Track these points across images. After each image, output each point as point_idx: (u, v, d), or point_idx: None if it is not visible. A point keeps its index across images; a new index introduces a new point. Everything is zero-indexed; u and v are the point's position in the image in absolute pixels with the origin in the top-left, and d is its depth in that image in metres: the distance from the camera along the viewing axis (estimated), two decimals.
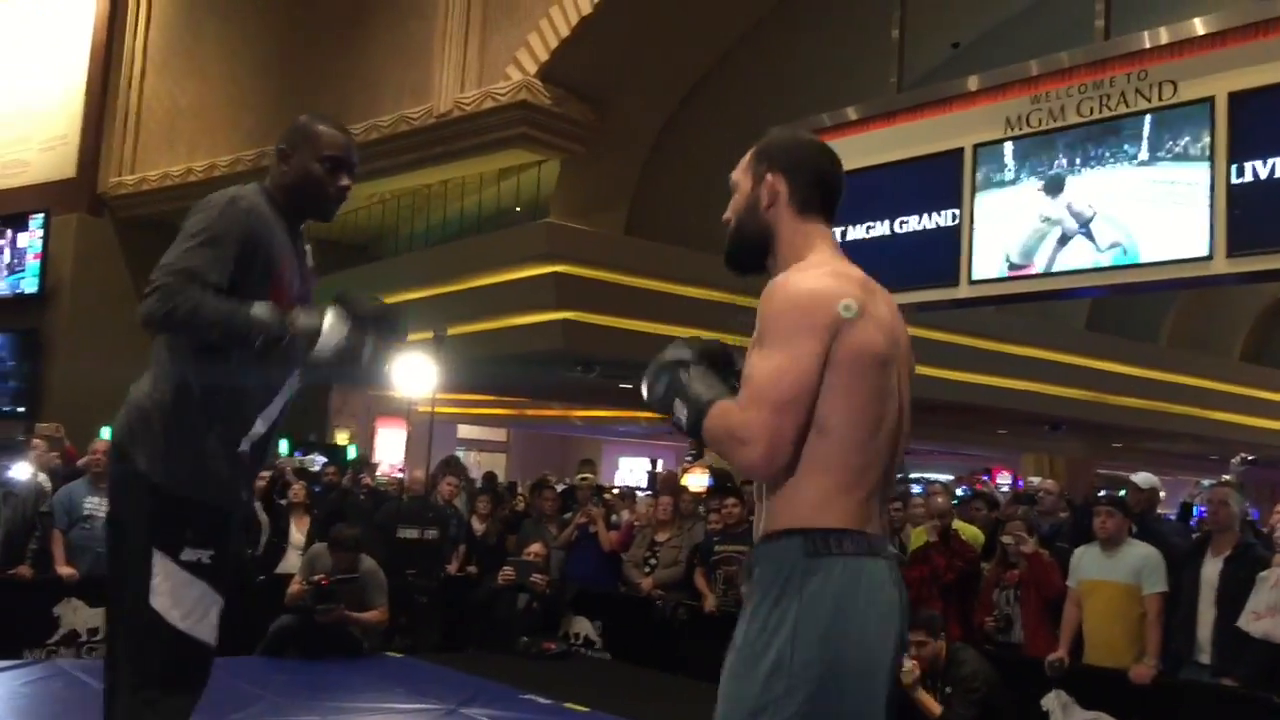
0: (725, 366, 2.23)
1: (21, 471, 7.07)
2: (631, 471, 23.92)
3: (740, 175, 2.23)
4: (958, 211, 5.76)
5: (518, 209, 12.16)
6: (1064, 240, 5.38)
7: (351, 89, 11.65)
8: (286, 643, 6.24)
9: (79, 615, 6.64)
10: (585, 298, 10.56)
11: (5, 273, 13.87)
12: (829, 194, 2.20)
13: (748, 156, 2.24)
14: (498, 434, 24.01)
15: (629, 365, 11.77)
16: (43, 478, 7.37)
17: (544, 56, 10.03)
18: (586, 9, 9.64)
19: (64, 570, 6.58)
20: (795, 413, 1.97)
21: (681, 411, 2.11)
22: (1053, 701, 5.33)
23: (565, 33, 9.82)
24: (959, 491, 10.69)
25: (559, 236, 10.57)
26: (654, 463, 24.62)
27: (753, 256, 2.24)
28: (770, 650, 1.97)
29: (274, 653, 6.22)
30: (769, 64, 11.04)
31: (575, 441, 24.33)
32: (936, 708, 5.22)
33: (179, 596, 2.49)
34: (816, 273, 2.07)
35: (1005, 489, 18.11)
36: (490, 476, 12.03)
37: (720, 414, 2.03)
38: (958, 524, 6.68)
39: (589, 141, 10.74)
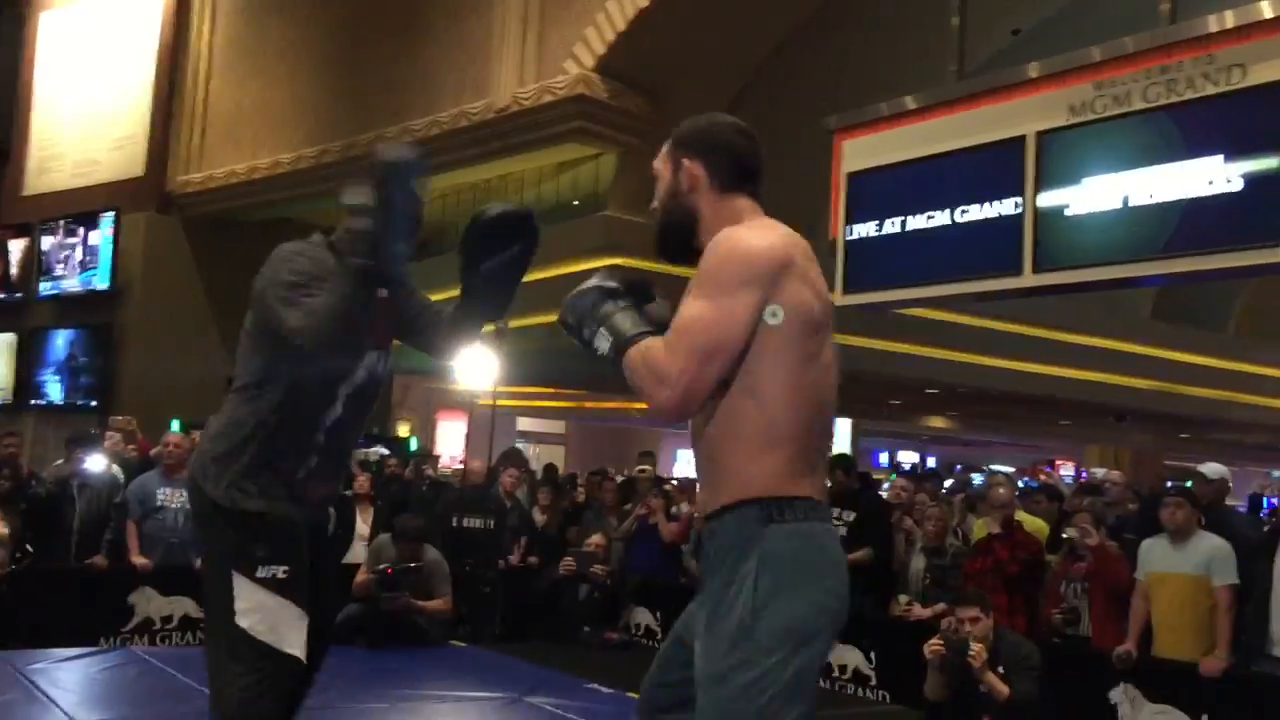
0: (646, 300, 2.29)
1: (96, 464, 7.26)
2: (690, 463, 23.90)
3: (660, 165, 2.29)
4: (1020, 200, 5.69)
5: (575, 202, 12.21)
6: (1127, 228, 5.31)
7: (411, 86, 11.77)
8: (354, 632, 6.34)
9: (152, 604, 6.80)
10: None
11: (78, 270, 14.19)
12: (748, 170, 2.25)
13: (665, 146, 2.29)
14: (556, 426, 24.13)
15: None
16: (116, 470, 7.56)
17: (601, 50, 10.06)
18: (644, 2, 9.66)
19: (138, 560, 6.74)
20: (718, 362, 2.00)
21: (604, 342, 2.15)
22: (1120, 695, 5.28)
23: (622, 26, 9.84)
24: (1020, 484, 10.58)
25: (617, 229, 10.61)
26: None
27: (681, 241, 2.29)
28: (733, 616, 2.00)
29: (342, 641, 6.31)
30: (826, 54, 10.98)
31: (633, 434, 24.36)
32: (1004, 688, 5.19)
33: (261, 613, 2.61)
34: (762, 231, 2.12)
35: (1068, 480, 17.89)
36: (551, 468, 12.11)
37: (643, 350, 2.07)
38: (1021, 515, 6.62)
39: (646, 134, 10.74)
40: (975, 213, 5.91)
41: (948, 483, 11.95)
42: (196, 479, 2.74)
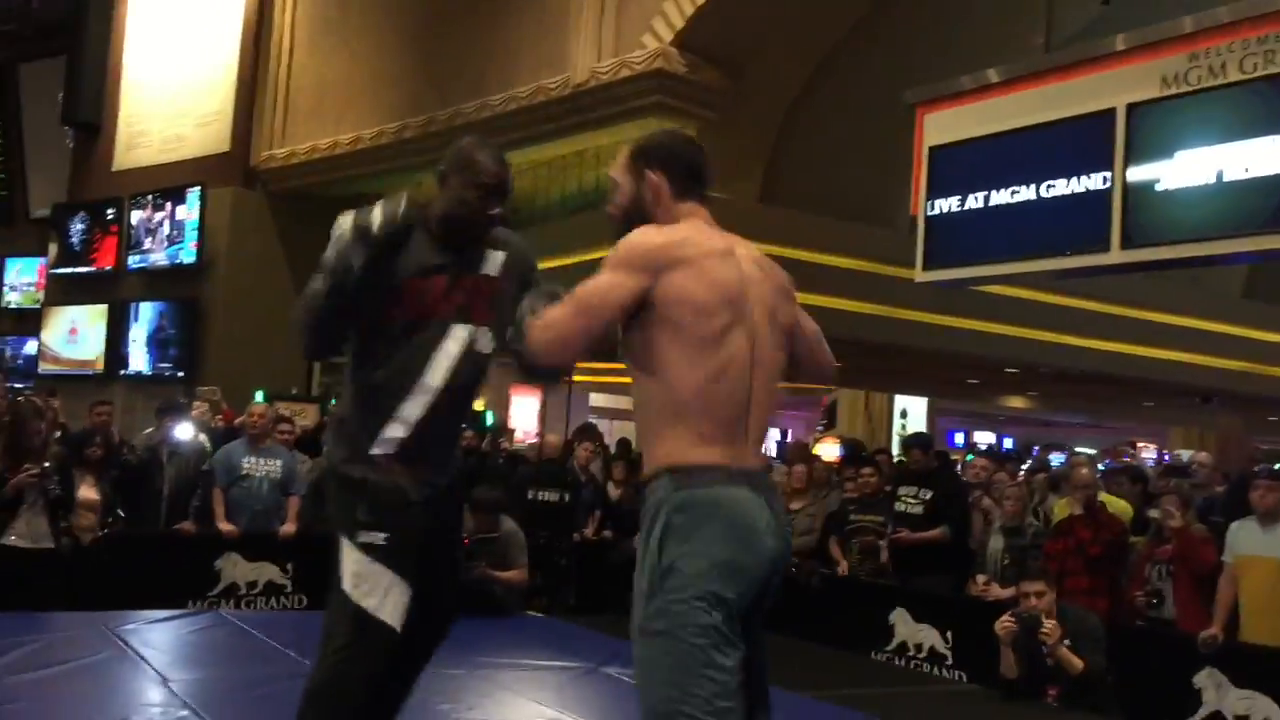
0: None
1: (184, 432, 7.46)
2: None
3: (620, 175, 2.52)
4: (1109, 174, 5.57)
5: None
6: (1222, 202, 5.17)
7: (490, 61, 11.82)
8: None
9: (238, 569, 6.97)
10: None
11: (165, 244, 14.52)
12: (699, 179, 2.51)
13: (625, 157, 2.53)
14: (628, 402, 24.18)
15: None
16: (204, 438, 7.76)
17: (679, 24, 10.00)
18: None
19: (224, 526, 6.91)
20: (592, 315, 2.32)
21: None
22: (1205, 679, 5.18)
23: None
24: (1099, 467, 10.39)
25: None
26: (783, 432, 24.52)
27: None
28: (645, 576, 2.25)
29: None
30: (909, 27, 10.80)
31: None
32: (1079, 662, 5.16)
33: (360, 577, 2.71)
34: (669, 230, 2.39)
35: (1150, 463, 17.52)
36: (625, 443, 12.15)
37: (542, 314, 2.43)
38: (1105, 497, 6.51)
39: (724, 109, 10.69)
40: (1061, 187, 5.80)
41: (1025, 464, 11.78)
42: (324, 443, 2.96)
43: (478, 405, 17.16)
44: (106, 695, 4.22)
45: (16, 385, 14.02)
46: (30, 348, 17.30)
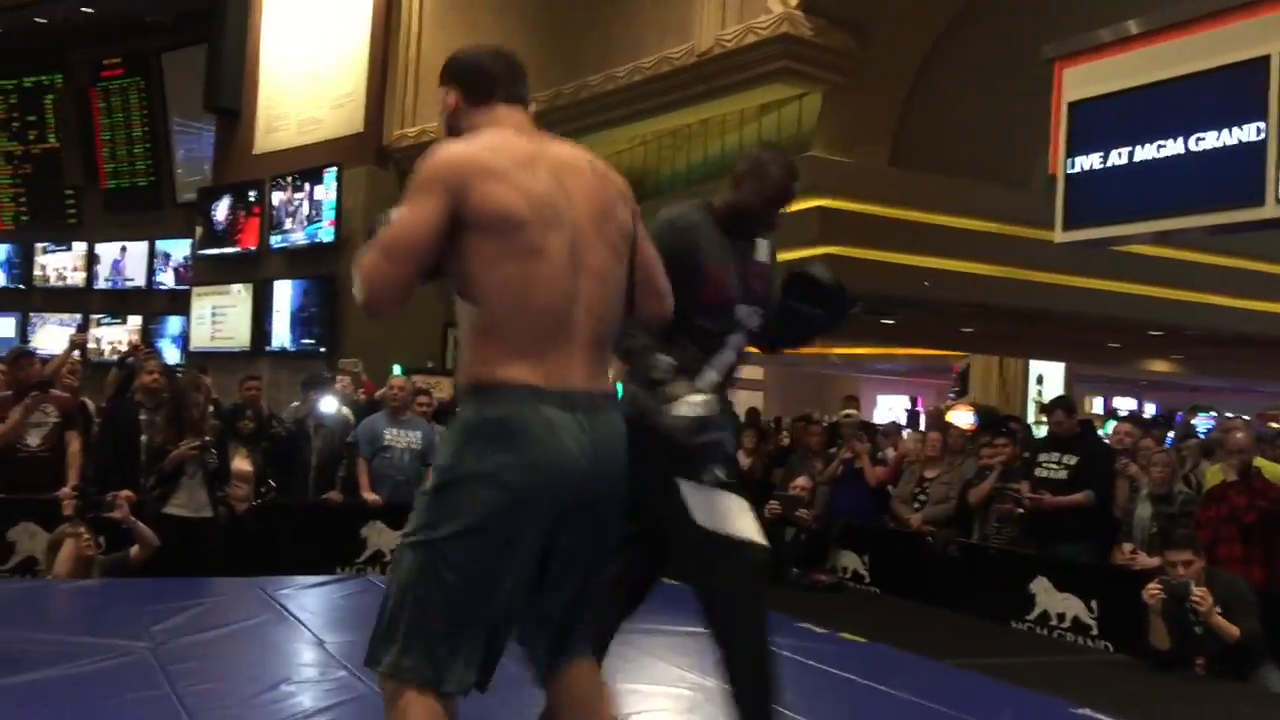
0: None
1: (329, 406, 7.71)
2: (890, 409, 23.55)
3: (439, 96, 2.48)
4: (1264, 125, 5.33)
5: (778, 145, 12.10)
6: None
7: (615, 32, 11.86)
8: None
9: (383, 537, 7.20)
10: (849, 232, 10.41)
11: (305, 223, 15.00)
12: (497, 82, 2.40)
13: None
14: (755, 372, 24.12)
15: (893, 300, 11.57)
16: (347, 411, 8.01)
17: None
18: None
19: (369, 496, 7.14)
20: (400, 259, 2.15)
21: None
22: None
23: None
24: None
25: (822, 170, 10.45)
26: (914, 400, 24.14)
27: None
28: (434, 477, 2.21)
29: None
30: None
31: (832, 379, 24.15)
32: (1234, 629, 5.00)
33: (715, 508, 2.94)
34: (466, 141, 2.27)
35: None
36: (754, 412, 12.14)
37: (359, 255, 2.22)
38: (1260, 462, 6.25)
39: (851, 72, 10.53)
40: (1212, 140, 5.57)
41: (1171, 430, 11.37)
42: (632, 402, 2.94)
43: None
44: (268, 656, 4.42)
45: (171, 364, 14.67)
46: (180, 326, 18.09)
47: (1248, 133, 5.42)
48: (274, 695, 3.73)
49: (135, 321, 19.01)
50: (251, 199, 15.86)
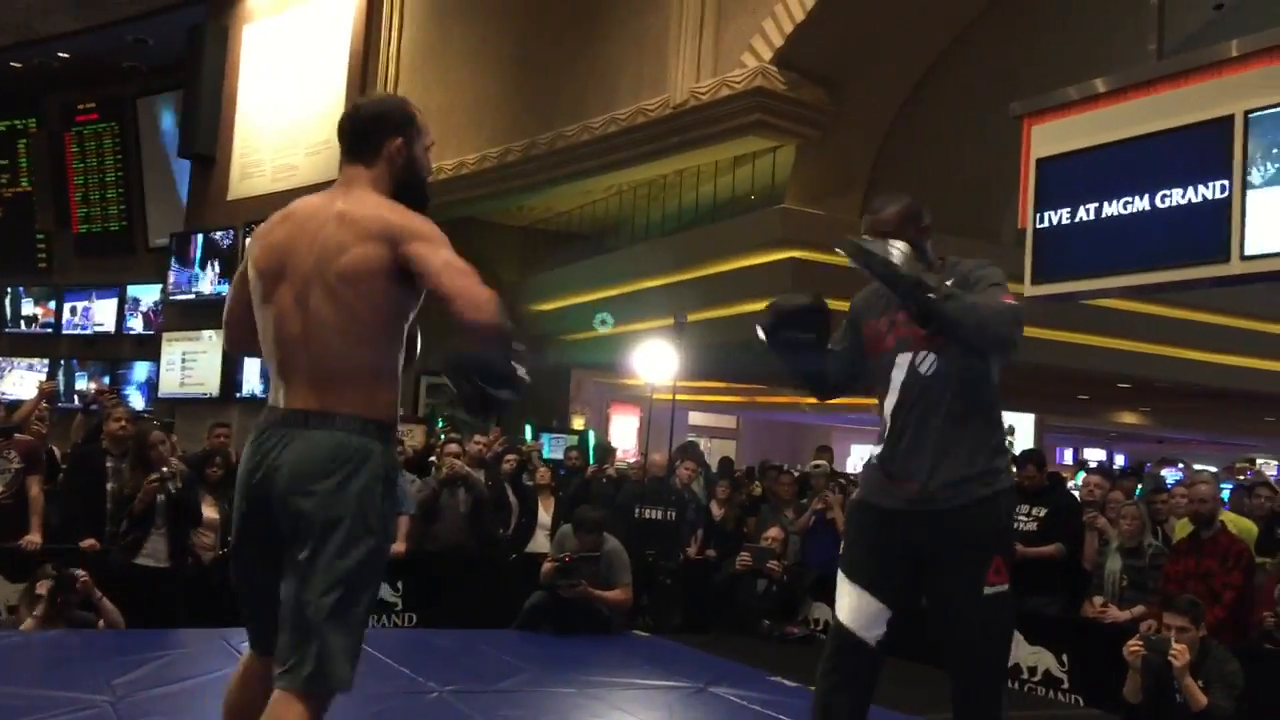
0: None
1: None
2: (863, 459, 23.56)
3: None
4: (1228, 183, 5.41)
5: (752, 196, 12.18)
6: None
7: (590, 84, 11.95)
8: (540, 619, 6.51)
9: None
10: (821, 283, 10.39)
11: None
12: (341, 138, 2.78)
13: None
14: (728, 421, 24.13)
15: None
16: None
17: (779, 42, 9.99)
18: None
19: None
20: (230, 311, 2.74)
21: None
22: None
23: (800, 16, 9.75)
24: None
25: (794, 222, 10.53)
26: None
27: None
28: None
29: (529, 628, 6.50)
30: (1012, 38, 10.64)
31: (805, 429, 24.18)
32: (1202, 698, 5.01)
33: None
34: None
35: (1274, 479, 16.84)
36: (727, 461, 12.13)
37: None
38: (1226, 516, 6.29)
39: (824, 126, 10.64)
40: (1177, 197, 5.65)
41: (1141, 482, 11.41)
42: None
43: (577, 424, 17.31)
44: None
45: (139, 410, 14.54)
46: (148, 372, 17.93)
47: (1213, 190, 5.51)
48: None
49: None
50: (225, 245, 15.80)
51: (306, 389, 2.48)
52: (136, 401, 17.19)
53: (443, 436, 10.37)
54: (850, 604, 2.97)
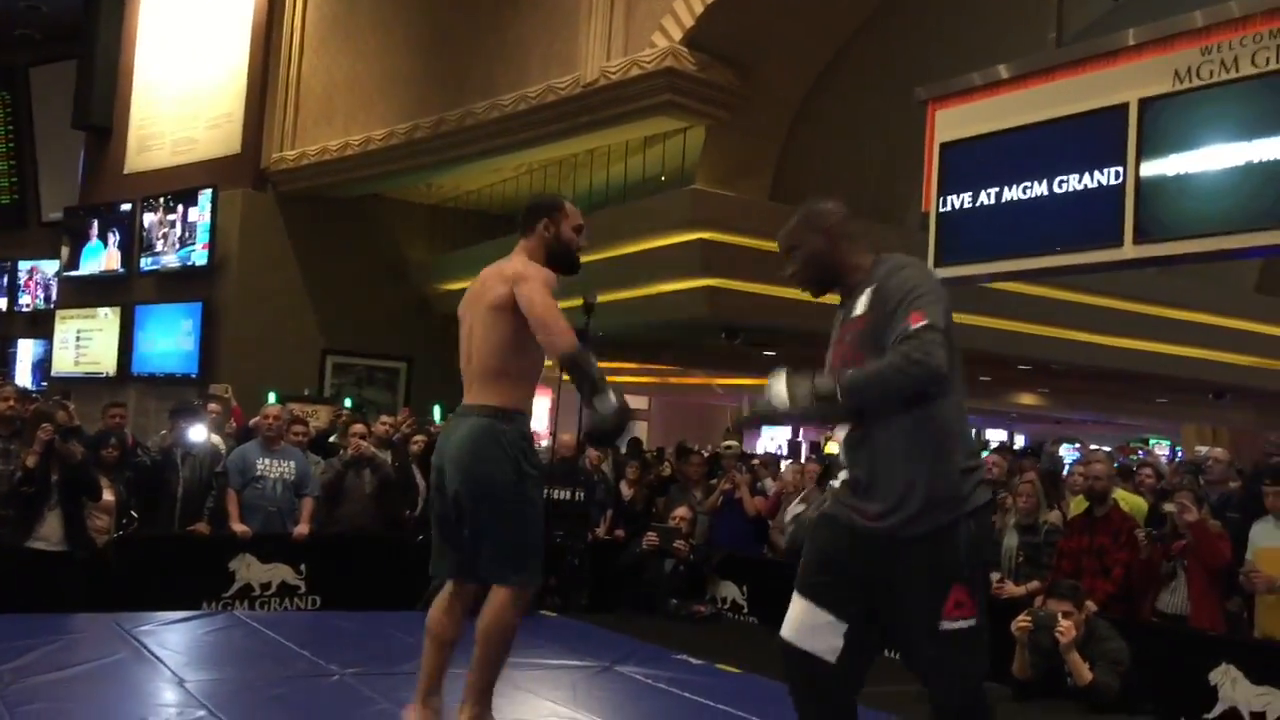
0: None
1: (198, 434, 7.47)
2: (773, 440, 23.84)
3: None
4: (1121, 169, 5.56)
5: (663, 177, 12.18)
6: (1236, 197, 5.15)
7: (500, 61, 11.82)
8: None
9: (252, 570, 7.00)
10: (730, 264, 10.53)
11: (177, 245, 14.55)
12: (518, 223, 3.76)
13: None
14: (639, 402, 24.20)
15: (773, 332, 11.71)
16: (218, 440, 7.77)
17: (689, 22, 9.99)
18: None
19: (238, 528, 6.93)
20: None
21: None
22: (1221, 676, 5.16)
23: None
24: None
25: (704, 203, 10.56)
26: (795, 431, 24.48)
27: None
28: None
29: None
30: (918, 25, 10.77)
31: (716, 410, 24.37)
32: (1088, 674, 5.18)
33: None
34: None
35: (1163, 460, 17.44)
36: (636, 442, 12.16)
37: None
38: (1118, 493, 6.49)
39: (734, 107, 10.67)
40: (1074, 183, 5.78)
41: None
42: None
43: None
44: (123, 696, 4.24)
45: (28, 389, 14.07)
46: (41, 351, 17.38)
47: (1107, 176, 5.64)
48: None
49: None
50: (120, 219, 15.33)
51: (470, 390, 3.61)
52: (25, 380, 16.66)
53: (346, 411, 10.24)
54: (791, 615, 2.90)
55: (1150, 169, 5.46)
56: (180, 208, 14.48)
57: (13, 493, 5.91)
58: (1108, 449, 16.53)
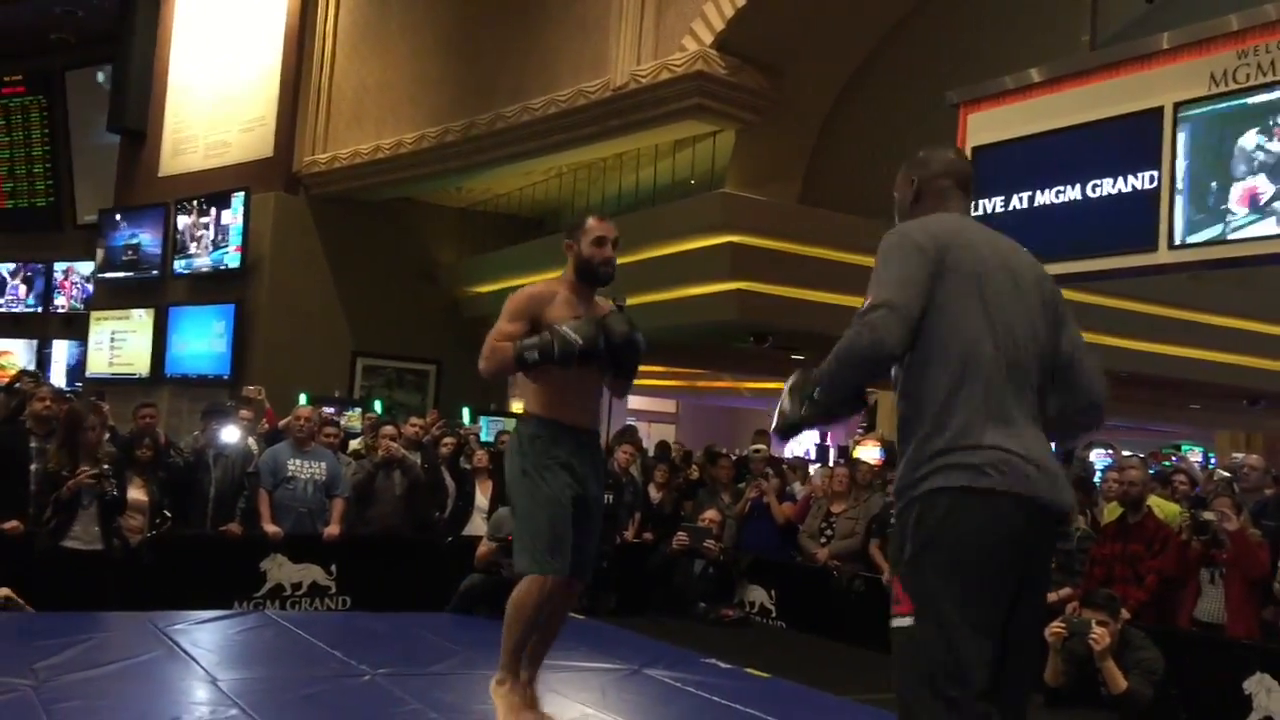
0: None
1: (231, 435, 7.53)
2: (800, 443, 23.74)
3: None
4: (1156, 173, 5.51)
5: (692, 180, 12.18)
6: (1275, 202, 5.10)
7: (530, 65, 11.87)
8: (475, 601, 6.48)
9: (283, 570, 7.04)
10: (760, 268, 10.52)
11: (210, 248, 14.68)
12: None
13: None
14: (667, 405, 24.18)
15: (802, 336, 11.68)
16: (251, 441, 7.83)
17: (719, 26, 9.99)
18: None
19: (270, 528, 6.98)
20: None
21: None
22: (1256, 685, 5.10)
23: (741, 1, 9.76)
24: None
25: (734, 207, 10.55)
26: (823, 435, 24.39)
27: None
28: None
29: (464, 610, 6.47)
30: (950, 27, 10.73)
31: (744, 414, 24.30)
32: (1123, 682, 5.14)
33: None
34: None
35: (1197, 467, 17.26)
36: (664, 445, 12.15)
37: None
38: (1153, 500, 6.43)
39: (764, 111, 10.67)
40: (1108, 187, 5.74)
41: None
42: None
43: (516, 408, 17.23)
44: (157, 694, 4.27)
45: (65, 389, 14.21)
46: (76, 352, 17.56)
47: (1142, 180, 5.60)
48: None
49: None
50: (155, 222, 15.47)
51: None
52: (60, 381, 16.82)
53: (380, 416, 10.28)
54: None
55: (1186, 172, 5.41)
56: (213, 210, 14.60)
57: (44, 492, 5.97)
58: (1141, 455, 16.38)
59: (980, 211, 6.42)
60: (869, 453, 13.07)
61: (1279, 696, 5.04)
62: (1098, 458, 14.21)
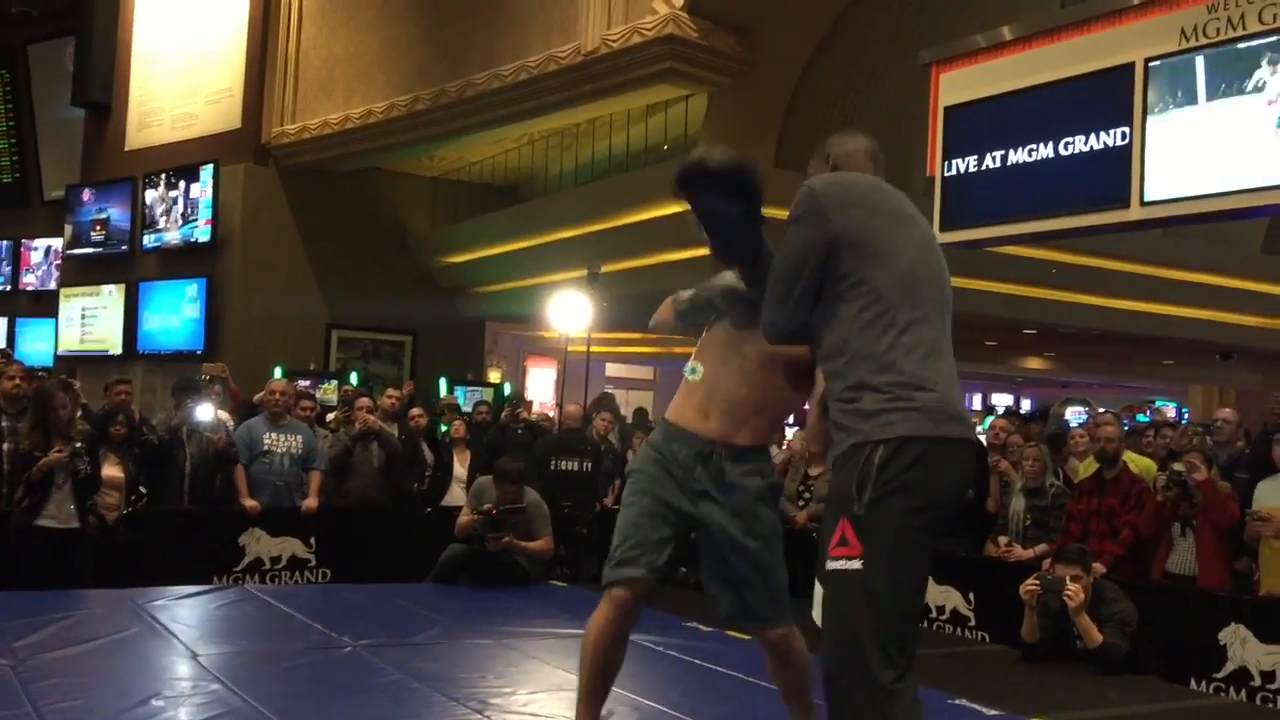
0: None
1: (205, 412, 7.47)
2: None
3: None
4: (1128, 130, 5.52)
5: (665, 146, 12.13)
6: (1244, 156, 5.12)
7: (500, 31, 11.76)
8: (456, 571, 6.48)
9: (261, 544, 7.03)
10: None
11: (180, 222, 14.53)
12: None
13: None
14: (644, 372, 24.19)
15: None
16: (224, 415, 7.77)
17: None
18: None
19: (248, 503, 6.95)
20: None
21: None
22: (1230, 635, 5.17)
23: None
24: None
25: None
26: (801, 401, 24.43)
27: None
28: None
29: (445, 580, 6.47)
30: None
31: None
32: (1098, 635, 5.20)
33: None
34: None
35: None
36: (642, 413, 12.17)
37: None
38: (1127, 455, 6.47)
39: (736, 74, 10.61)
40: (1080, 144, 5.75)
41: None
42: None
43: (494, 378, 17.23)
44: (137, 670, 4.26)
45: (35, 367, 14.06)
46: (47, 329, 17.39)
47: (1114, 137, 5.61)
48: (143, 711, 3.59)
49: None
50: (123, 197, 15.30)
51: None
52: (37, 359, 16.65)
53: (356, 387, 10.24)
54: None
55: (1157, 129, 5.42)
56: (182, 184, 14.45)
57: (16, 472, 5.91)
58: (1115, 412, 16.51)
59: (953, 172, 6.42)
60: None
61: (1253, 646, 5.11)
62: (1073, 414, 14.33)
